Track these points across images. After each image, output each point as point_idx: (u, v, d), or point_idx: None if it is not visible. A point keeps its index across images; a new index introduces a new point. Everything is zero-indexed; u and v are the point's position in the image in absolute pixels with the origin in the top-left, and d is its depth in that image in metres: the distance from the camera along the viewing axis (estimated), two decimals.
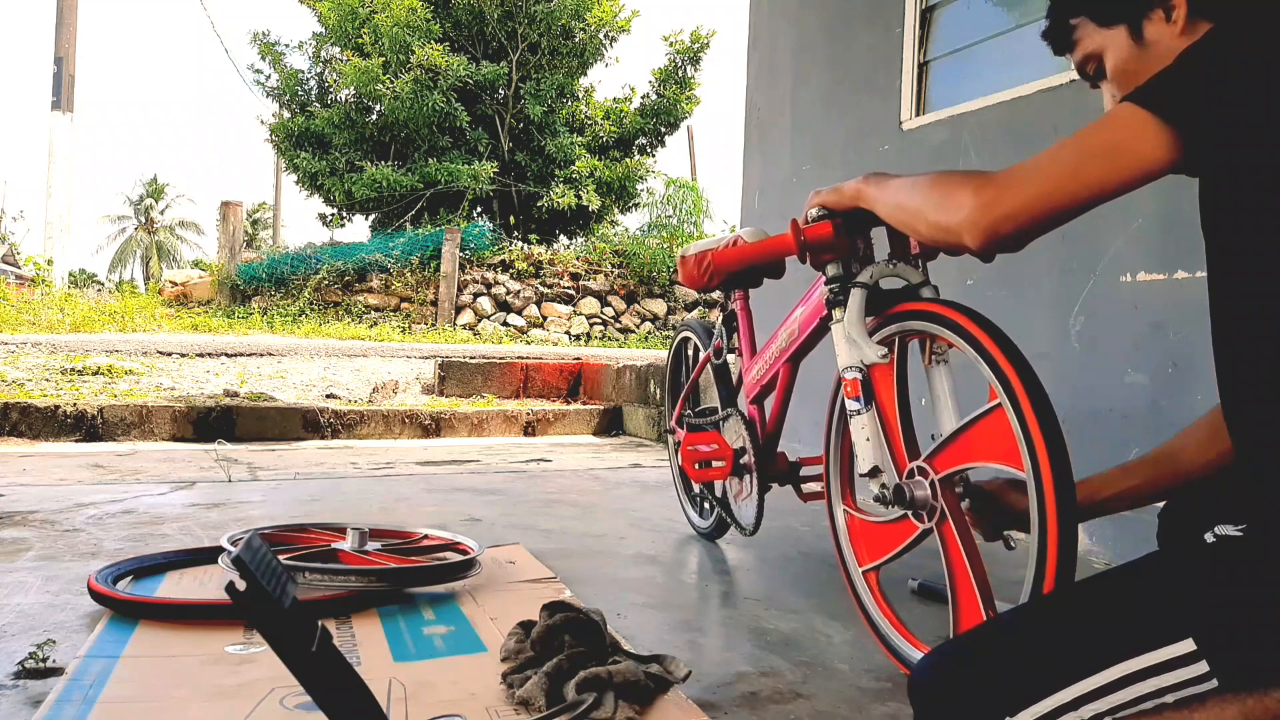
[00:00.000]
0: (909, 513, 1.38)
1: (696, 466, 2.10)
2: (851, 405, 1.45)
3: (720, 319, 2.21)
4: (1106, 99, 1.10)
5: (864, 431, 1.43)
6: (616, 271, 12.90)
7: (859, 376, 1.44)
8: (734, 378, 2.22)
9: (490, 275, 12.55)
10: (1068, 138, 0.94)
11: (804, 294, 1.75)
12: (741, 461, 2.03)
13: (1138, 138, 0.89)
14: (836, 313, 1.49)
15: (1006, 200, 0.96)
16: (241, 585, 0.88)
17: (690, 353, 2.58)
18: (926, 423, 1.46)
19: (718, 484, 2.25)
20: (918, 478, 1.37)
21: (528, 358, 6.23)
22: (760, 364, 1.96)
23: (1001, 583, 1.38)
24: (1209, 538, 0.85)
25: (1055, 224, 0.96)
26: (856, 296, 1.46)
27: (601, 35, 16.26)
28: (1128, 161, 0.90)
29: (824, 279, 1.54)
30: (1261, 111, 0.84)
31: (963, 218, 0.99)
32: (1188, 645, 0.77)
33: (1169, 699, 0.77)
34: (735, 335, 2.15)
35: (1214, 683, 0.76)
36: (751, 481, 2.00)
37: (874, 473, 1.42)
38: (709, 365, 2.28)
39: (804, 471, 2.00)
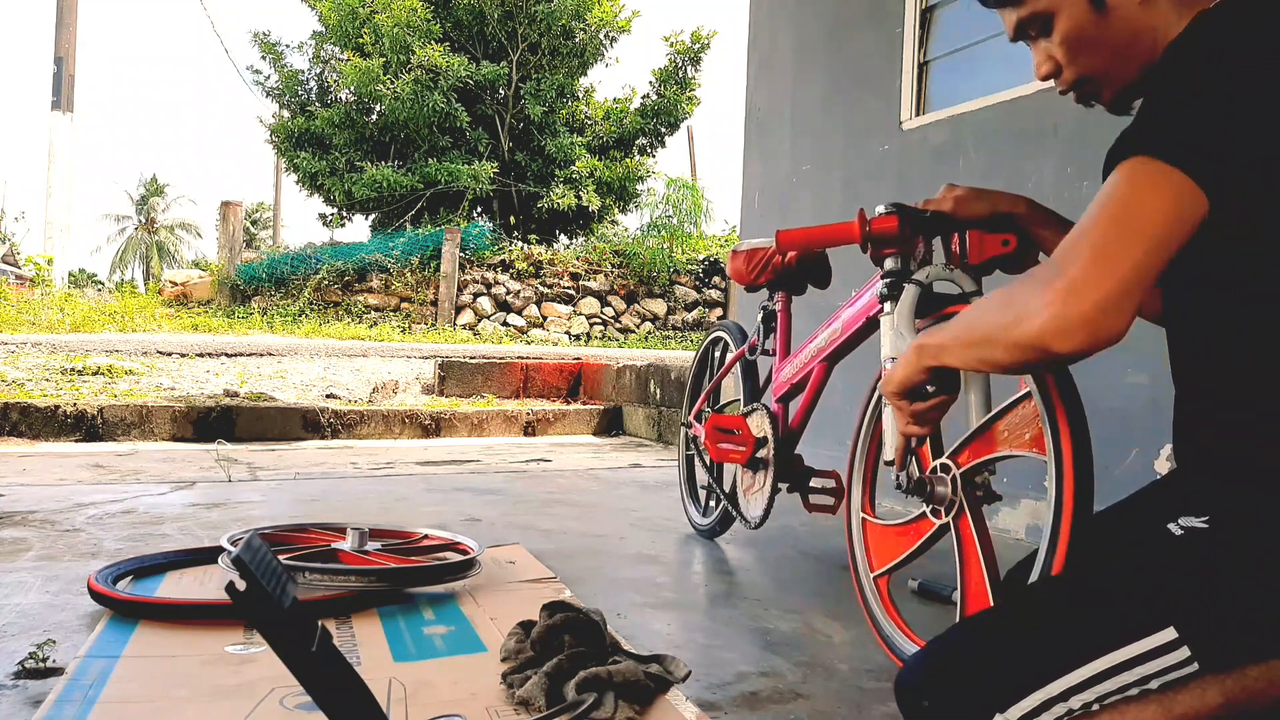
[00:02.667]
0: (926, 509, 1.41)
1: (719, 446, 2.14)
2: None
3: (760, 317, 2.24)
4: (1039, 58, 1.03)
5: (894, 422, 1.46)
6: (616, 271, 12.90)
7: None
8: (761, 378, 2.25)
9: (490, 275, 12.56)
10: (1109, 208, 0.83)
11: (851, 298, 1.78)
12: (759, 454, 2.06)
13: (1180, 204, 0.81)
14: (888, 305, 1.52)
15: (1086, 298, 0.80)
16: (241, 585, 0.88)
17: (719, 353, 2.61)
18: (952, 430, 1.47)
19: (727, 476, 2.27)
20: (940, 473, 1.40)
21: (528, 358, 6.23)
22: (793, 364, 1.99)
23: None
24: (1175, 530, 0.86)
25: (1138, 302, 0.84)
26: (910, 292, 1.48)
27: (602, 35, 16.26)
28: (1181, 228, 0.82)
29: (880, 275, 1.57)
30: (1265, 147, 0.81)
31: (1043, 321, 0.82)
32: (1170, 634, 0.79)
33: (1153, 685, 0.80)
34: (771, 336, 2.18)
35: (1195, 667, 0.79)
36: (766, 476, 2.03)
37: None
38: (739, 363, 2.32)
39: (815, 483, 2.02)
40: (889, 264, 1.53)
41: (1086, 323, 0.80)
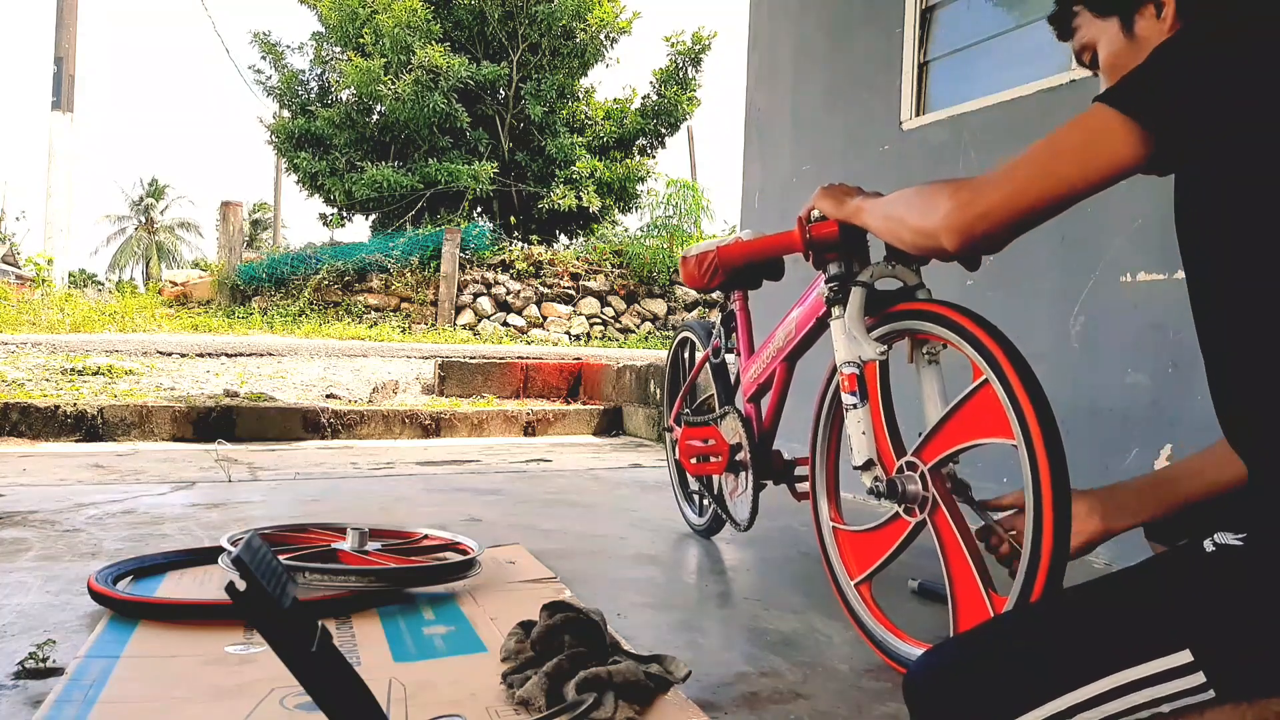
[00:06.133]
0: (900, 509, 1.41)
1: (694, 460, 2.13)
2: (848, 400, 1.48)
3: (719, 319, 2.23)
4: (1103, 86, 1.10)
5: (859, 425, 1.47)
6: (616, 271, 12.90)
7: (856, 372, 1.48)
8: (731, 377, 2.23)
9: (490, 275, 12.55)
10: (1042, 139, 0.96)
11: (800, 296, 1.76)
12: (737, 458, 2.05)
13: (1107, 137, 0.89)
14: (836, 310, 1.52)
15: (981, 200, 0.98)
16: (241, 585, 0.88)
17: (689, 353, 2.60)
18: (912, 429, 1.47)
19: (714, 480, 2.27)
20: (907, 472, 1.40)
21: (528, 358, 6.23)
22: (758, 363, 1.97)
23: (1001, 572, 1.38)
24: (1208, 546, 0.82)
25: (1030, 223, 0.97)
26: (857, 294, 1.48)
27: (602, 36, 16.26)
28: (1098, 160, 0.90)
29: (824, 278, 1.56)
30: (1231, 109, 0.84)
31: (938, 220, 1.02)
32: (1185, 656, 0.75)
33: (1165, 709, 0.77)
34: (734, 335, 2.17)
35: (1210, 693, 0.75)
36: (747, 478, 2.02)
37: (868, 465, 1.46)
38: (707, 364, 2.30)
39: (799, 471, 2.02)
40: (832, 269, 1.54)
41: (967, 230, 0.99)
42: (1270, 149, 0.83)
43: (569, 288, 12.61)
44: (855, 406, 1.47)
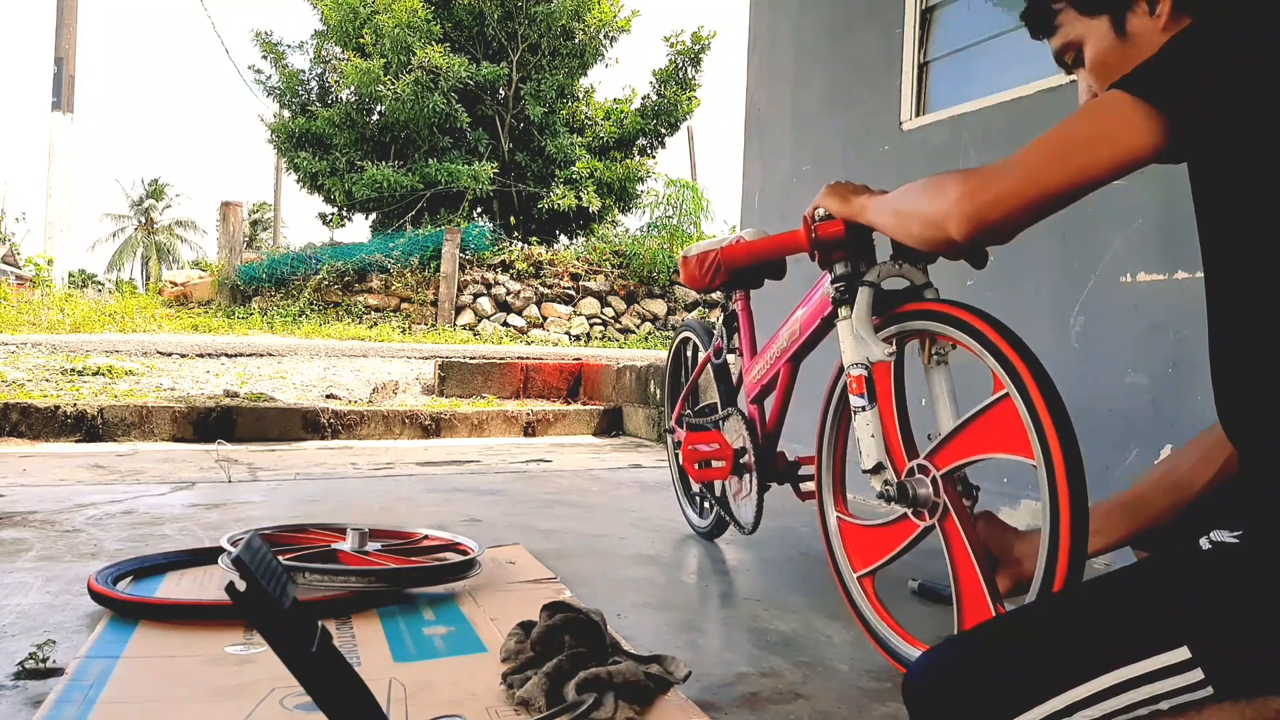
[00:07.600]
0: (909, 512, 1.39)
1: (697, 466, 2.11)
2: (856, 402, 1.46)
3: (721, 319, 2.22)
4: (1082, 89, 1.08)
5: (868, 428, 1.44)
6: (617, 272, 12.90)
7: (864, 374, 1.46)
8: (734, 378, 2.22)
9: (490, 275, 12.56)
10: (1054, 126, 0.93)
11: (805, 295, 1.76)
12: (741, 461, 2.04)
13: (1124, 124, 0.87)
14: (843, 310, 1.50)
15: (991, 188, 0.95)
16: (241, 585, 0.88)
17: (690, 353, 2.59)
18: (920, 426, 1.46)
19: (717, 483, 2.26)
20: (919, 475, 1.38)
21: (528, 358, 6.23)
22: (761, 364, 1.96)
23: None
24: (1204, 544, 0.83)
25: (1042, 213, 0.95)
26: (864, 295, 1.46)
27: (601, 36, 16.27)
28: (1113, 148, 0.88)
29: (829, 278, 1.55)
30: (1249, 98, 0.83)
31: (947, 207, 0.99)
32: (1183, 653, 0.75)
33: (1164, 706, 0.76)
34: (736, 335, 2.16)
35: (1209, 690, 0.75)
36: (751, 481, 2.01)
37: (877, 469, 1.43)
38: (709, 365, 2.29)
39: (803, 470, 2.01)
40: (839, 268, 1.52)
41: (977, 217, 0.97)
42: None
43: (569, 288, 12.61)
44: (864, 409, 1.44)
